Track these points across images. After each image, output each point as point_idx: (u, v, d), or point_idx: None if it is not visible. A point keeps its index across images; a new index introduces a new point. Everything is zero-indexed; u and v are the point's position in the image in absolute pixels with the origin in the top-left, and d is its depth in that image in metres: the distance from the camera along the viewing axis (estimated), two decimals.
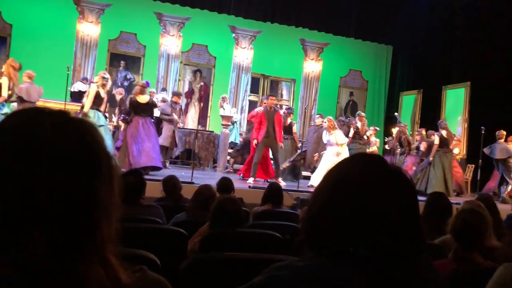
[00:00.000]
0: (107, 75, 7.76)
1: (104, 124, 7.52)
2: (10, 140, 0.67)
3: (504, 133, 9.30)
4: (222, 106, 10.38)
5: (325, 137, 8.98)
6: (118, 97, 10.40)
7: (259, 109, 9.14)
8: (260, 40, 12.89)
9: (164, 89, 11.59)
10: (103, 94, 7.49)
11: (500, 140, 9.29)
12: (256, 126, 8.43)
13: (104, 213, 0.70)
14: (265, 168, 8.68)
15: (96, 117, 7.31)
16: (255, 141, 8.41)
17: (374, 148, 10.37)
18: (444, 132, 9.17)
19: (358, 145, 9.45)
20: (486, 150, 9.39)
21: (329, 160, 8.52)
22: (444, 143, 9.12)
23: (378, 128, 10.82)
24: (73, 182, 0.67)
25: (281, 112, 9.40)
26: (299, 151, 9.95)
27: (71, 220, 0.66)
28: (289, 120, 10.03)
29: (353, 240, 0.86)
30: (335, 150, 8.69)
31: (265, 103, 8.93)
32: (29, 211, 0.64)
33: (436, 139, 9.13)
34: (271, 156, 8.82)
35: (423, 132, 10.11)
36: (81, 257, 0.67)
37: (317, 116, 10.54)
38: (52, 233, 0.65)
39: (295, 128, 10.26)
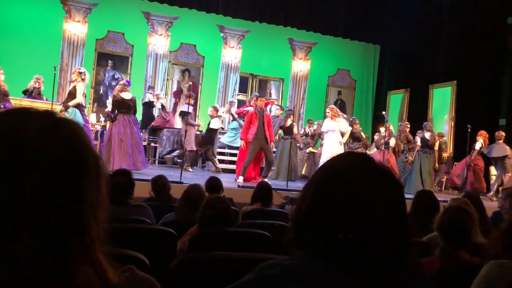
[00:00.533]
0: (83, 69, 7.76)
1: (81, 122, 7.48)
2: None
3: (503, 134, 9.47)
4: (231, 114, 10.24)
5: (327, 125, 8.96)
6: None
7: (249, 108, 9.08)
8: (249, 39, 12.89)
9: (151, 87, 11.48)
10: (78, 86, 7.54)
11: (499, 141, 9.47)
12: (246, 126, 8.28)
13: (92, 212, 0.70)
14: (256, 169, 8.64)
15: (73, 114, 7.28)
16: (242, 142, 8.28)
17: (374, 150, 10.43)
18: (427, 134, 9.46)
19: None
20: (485, 150, 9.56)
21: (331, 150, 8.41)
22: (426, 144, 9.42)
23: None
24: (60, 181, 0.67)
25: (273, 107, 9.41)
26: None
27: (59, 219, 0.67)
28: (289, 121, 10.01)
29: (341, 237, 0.86)
30: (338, 139, 8.72)
31: (255, 103, 8.89)
32: (16, 211, 0.64)
33: (418, 141, 9.50)
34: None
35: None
36: (69, 256, 0.67)
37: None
38: (40, 232, 0.65)
39: (295, 129, 10.24)
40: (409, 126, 10.14)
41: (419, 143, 9.46)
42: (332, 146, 8.54)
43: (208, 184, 4.54)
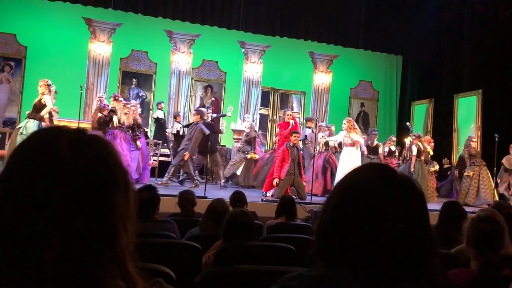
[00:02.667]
0: (50, 82, 7.66)
1: None
2: (31, 157, 0.72)
3: None
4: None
5: (344, 138, 8.96)
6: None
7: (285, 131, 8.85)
8: (270, 54, 12.98)
9: (209, 107, 11.22)
10: (46, 99, 7.41)
11: None
12: (279, 164, 8.16)
13: (122, 223, 0.73)
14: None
15: (37, 127, 7.22)
16: (276, 180, 8.09)
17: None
18: (420, 144, 9.77)
19: None
20: None
21: (350, 163, 8.38)
22: (420, 153, 9.80)
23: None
24: (90, 193, 0.71)
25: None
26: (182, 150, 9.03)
27: (90, 228, 0.70)
28: (375, 141, 10.15)
29: (362, 248, 0.87)
30: (357, 152, 8.77)
31: (288, 115, 8.97)
32: (48, 220, 0.68)
33: (414, 150, 9.65)
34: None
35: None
36: (100, 265, 0.70)
37: (194, 112, 9.80)
38: (72, 241, 0.68)
39: (381, 150, 10.21)
40: (474, 140, 9.86)
41: (414, 153, 9.66)
42: (349, 161, 8.50)
43: (233, 198, 4.58)
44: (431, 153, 10.39)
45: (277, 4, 12.18)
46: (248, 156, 9.91)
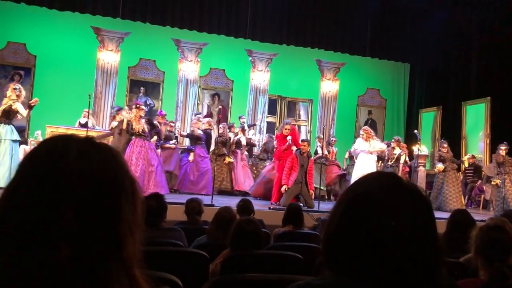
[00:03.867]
0: (18, 86, 7.58)
1: (18, 138, 7.37)
2: (40, 165, 0.74)
3: None
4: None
5: (361, 146, 8.96)
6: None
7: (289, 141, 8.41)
8: (277, 62, 13.02)
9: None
10: (18, 106, 7.32)
11: None
12: (287, 172, 8.01)
13: (129, 230, 0.74)
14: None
15: (10, 131, 7.22)
16: (284, 187, 7.91)
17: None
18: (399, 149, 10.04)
19: None
20: None
21: (364, 171, 8.35)
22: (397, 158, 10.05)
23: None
24: (98, 201, 0.72)
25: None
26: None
27: (97, 234, 0.71)
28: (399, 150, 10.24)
29: (369, 256, 0.87)
30: (372, 160, 8.86)
31: (286, 129, 8.49)
32: (57, 227, 0.69)
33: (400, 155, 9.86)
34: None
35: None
36: (107, 272, 0.71)
37: (116, 108, 9.31)
38: (79, 245, 0.69)
39: (403, 158, 10.05)
40: (503, 148, 9.23)
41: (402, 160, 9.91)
42: (365, 167, 8.47)
43: (239, 206, 4.57)
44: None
45: (284, 12, 12.23)
46: (226, 161, 9.81)
